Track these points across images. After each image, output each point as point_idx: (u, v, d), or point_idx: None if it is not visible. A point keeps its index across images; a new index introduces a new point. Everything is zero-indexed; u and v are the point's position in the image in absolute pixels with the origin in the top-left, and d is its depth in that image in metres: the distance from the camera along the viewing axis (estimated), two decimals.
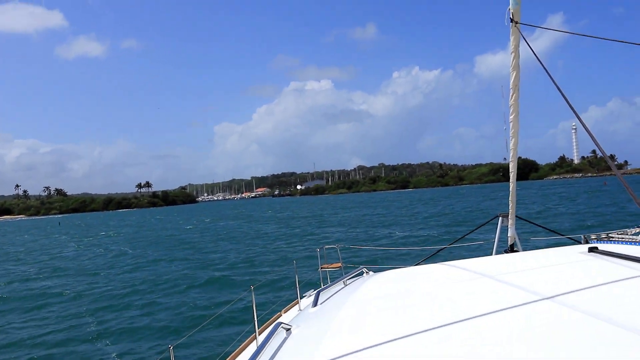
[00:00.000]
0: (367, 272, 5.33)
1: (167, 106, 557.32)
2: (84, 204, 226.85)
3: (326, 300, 3.94)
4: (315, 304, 3.88)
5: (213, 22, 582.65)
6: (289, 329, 3.13)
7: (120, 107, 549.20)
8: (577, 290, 2.59)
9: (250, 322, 4.45)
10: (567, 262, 3.54)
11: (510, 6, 5.16)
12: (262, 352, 2.74)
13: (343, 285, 4.45)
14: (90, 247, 42.43)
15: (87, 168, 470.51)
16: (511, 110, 5.62)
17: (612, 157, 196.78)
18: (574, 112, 4.10)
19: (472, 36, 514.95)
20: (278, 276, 18.61)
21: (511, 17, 5.17)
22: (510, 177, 6.19)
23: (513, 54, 5.32)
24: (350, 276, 4.93)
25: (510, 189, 6.29)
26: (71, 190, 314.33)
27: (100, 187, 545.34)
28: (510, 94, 5.50)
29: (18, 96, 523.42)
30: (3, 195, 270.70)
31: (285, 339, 2.98)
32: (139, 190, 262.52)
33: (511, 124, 5.68)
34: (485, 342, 2.10)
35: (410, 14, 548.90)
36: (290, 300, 6.46)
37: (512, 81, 5.42)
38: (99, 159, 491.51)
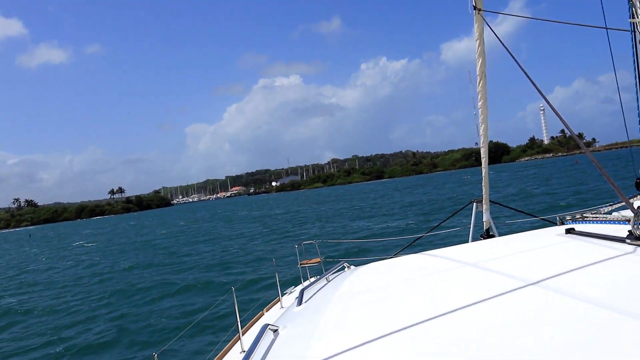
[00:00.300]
0: (348, 267, 5.29)
1: (136, 110, 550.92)
2: (56, 214, 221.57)
3: (310, 298, 3.89)
4: (300, 302, 3.83)
5: (178, 23, 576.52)
6: (276, 330, 3.08)
7: (88, 114, 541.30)
8: (561, 274, 2.57)
9: (233, 324, 4.43)
10: (547, 245, 3.56)
11: None
12: (251, 356, 2.66)
13: (326, 282, 4.37)
14: (60, 259, 41.05)
15: (57, 177, 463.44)
16: (479, 97, 5.63)
17: (580, 135, 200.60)
18: (540, 93, 4.15)
19: (437, 24, 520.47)
20: (258, 275, 18.24)
21: (474, 4, 5.16)
22: (482, 163, 6.19)
23: (478, 41, 5.31)
24: (332, 272, 4.87)
25: (483, 174, 6.29)
26: (43, 200, 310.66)
27: (72, 195, 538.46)
28: (478, 81, 5.51)
29: None
30: None
31: (274, 340, 2.93)
32: (112, 196, 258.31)
33: (480, 110, 5.70)
34: (477, 333, 2.04)
35: (373, 5, 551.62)
36: (271, 299, 6.44)
37: (478, 68, 5.44)
38: (70, 167, 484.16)
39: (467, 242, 6.23)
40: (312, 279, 6.36)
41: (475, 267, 3.25)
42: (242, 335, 4.35)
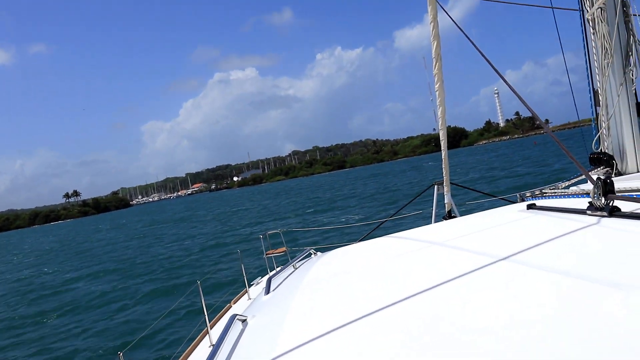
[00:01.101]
0: (314, 253, 5.20)
1: (88, 110, 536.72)
2: (8, 222, 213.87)
3: (278, 286, 3.81)
4: (267, 291, 3.73)
5: (125, 19, 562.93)
6: (245, 320, 3.01)
7: (36, 116, 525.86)
8: (529, 249, 2.56)
9: (201, 318, 4.35)
10: (510, 221, 3.57)
11: None
12: (220, 347, 2.56)
13: (293, 269, 4.28)
14: None
15: (8, 183, 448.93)
16: (436, 79, 5.63)
17: (533, 117, 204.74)
18: (498, 73, 4.17)
19: (388, 12, 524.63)
20: (223, 268, 18.16)
21: None
22: (442, 145, 6.16)
23: (432, 24, 5.26)
24: (299, 259, 4.77)
25: (443, 157, 6.28)
26: None
27: (25, 201, 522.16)
28: (434, 63, 5.49)
29: None
30: None
31: (242, 330, 2.87)
32: (68, 200, 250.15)
33: (437, 93, 5.71)
34: (449, 312, 2.00)
35: None
36: (238, 291, 6.47)
37: (434, 50, 5.40)
38: (21, 172, 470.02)
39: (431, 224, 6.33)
40: (279, 268, 6.56)
41: (441, 246, 3.24)
42: (211, 328, 4.43)
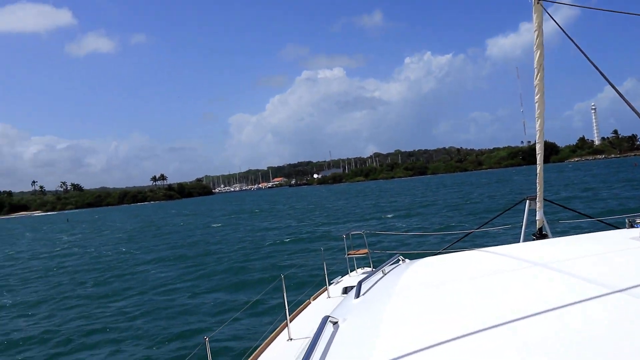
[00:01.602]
0: (403, 260, 5.13)
1: (180, 99, 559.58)
2: (100, 199, 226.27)
3: (368, 290, 3.67)
4: (357, 294, 3.59)
5: (220, 15, 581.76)
6: (336, 322, 2.94)
7: (133, 102, 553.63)
8: None
9: (279, 310, 4.40)
10: (622, 248, 3.27)
11: None
12: (315, 349, 2.51)
13: (382, 274, 4.14)
14: (85, 247, 40.94)
15: (104, 163, 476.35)
16: (536, 90, 5.45)
17: (634, 137, 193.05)
18: (609, 82, 4.04)
19: (482, 19, 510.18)
20: (303, 263, 18.24)
21: None
22: (537, 159, 5.96)
23: (537, 32, 5.18)
24: (388, 264, 4.66)
25: (538, 171, 6.08)
26: (90, 185, 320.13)
27: (118, 180, 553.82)
28: (535, 74, 5.35)
29: (33, 94, 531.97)
30: (22, 192, 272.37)
31: (334, 333, 2.80)
32: (155, 183, 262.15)
33: (536, 105, 5.53)
34: (559, 340, 1.88)
35: (414, 0, 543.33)
36: (318, 288, 6.43)
37: (536, 60, 5.28)
38: (115, 153, 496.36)
39: (519, 241, 6.16)
40: (366, 269, 6.71)
41: (544, 268, 3.01)
42: (290, 322, 4.53)
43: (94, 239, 47.76)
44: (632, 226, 4.26)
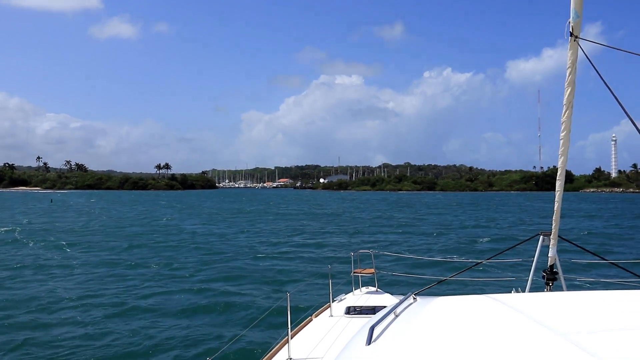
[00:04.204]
0: (414, 299, 4.37)
1: (194, 90, 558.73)
2: (100, 182, 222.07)
3: (379, 336, 3.17)
4: (369, 341, 3.09)
5: (242, 10, 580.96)
6: None
7: (148, 89, 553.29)
8: None
9: (283, 327, 4.58)
10: None
11: (571, 19, 4.87)
12: None
13: (394, 317, 3.52)
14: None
15: (113, 146, 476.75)
16: (562, 127, 5.28)
17: None
18: (630, 118, 4.22)
19: (505, 41, 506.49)
20: (310, 278, 17.64)
21: (571, 30, 4.89)
22: (556, 196, 5.65)
23: (570, 69, 5.01)
24: (400, 305, 3.85)
25: (555, 208, 5.69)
26: (96, 166, 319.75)
27: (125, 165, 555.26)
28: (564, 111, 5.18)
29: (52, 72, 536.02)
30: (30, 167, 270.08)
31: None
32: (158, 171, 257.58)
33: (561, 142, 5.35)
34: None
35: (438, 15, 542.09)
36: (320, 305, 6.74)
37: (566, 97, 5.12)
38: (126, 137, 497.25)
39: (528, 276, 6.02)
40: (370, 289, 7.56)
41: (562, 339, 2.49)
42: (291, 339, 4.90)
43: None
44: None
